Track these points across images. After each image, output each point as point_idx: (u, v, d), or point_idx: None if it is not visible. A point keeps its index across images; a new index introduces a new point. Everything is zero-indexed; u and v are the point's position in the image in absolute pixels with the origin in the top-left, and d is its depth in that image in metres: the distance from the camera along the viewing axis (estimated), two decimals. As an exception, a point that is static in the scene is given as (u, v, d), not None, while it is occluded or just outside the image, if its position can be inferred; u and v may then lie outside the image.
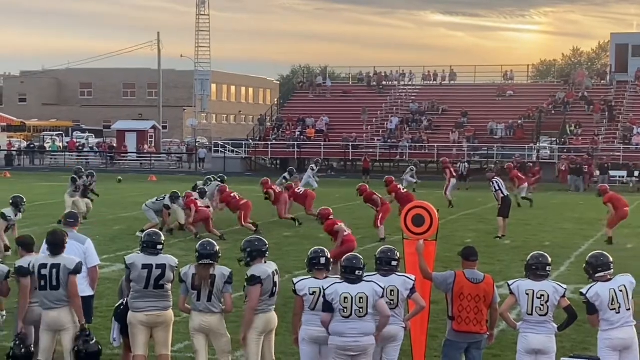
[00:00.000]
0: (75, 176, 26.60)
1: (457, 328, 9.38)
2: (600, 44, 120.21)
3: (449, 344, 9.48)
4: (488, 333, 9.56)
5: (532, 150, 54.95)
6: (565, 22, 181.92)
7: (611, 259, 9.43)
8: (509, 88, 65.06)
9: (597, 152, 52.34)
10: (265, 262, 9.55)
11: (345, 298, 8.78)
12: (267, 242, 9.73)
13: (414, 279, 9.47)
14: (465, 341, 9.40)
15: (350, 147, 59.04)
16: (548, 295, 9.16)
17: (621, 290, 9.22)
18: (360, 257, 9.13)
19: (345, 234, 16.72)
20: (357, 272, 8.91)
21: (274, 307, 9.62)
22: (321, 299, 8.95)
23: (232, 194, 24.65)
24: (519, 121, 59.20)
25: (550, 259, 9.51)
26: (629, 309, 9.23)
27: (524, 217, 29.37)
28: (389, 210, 22.84)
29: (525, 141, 56.88)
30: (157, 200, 23.67)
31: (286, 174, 32.62)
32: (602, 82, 65.58)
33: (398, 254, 9.63)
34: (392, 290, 9.23)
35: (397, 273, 9.45)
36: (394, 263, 9.46)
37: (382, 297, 8.88)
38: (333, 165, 60.49)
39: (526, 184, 35.20)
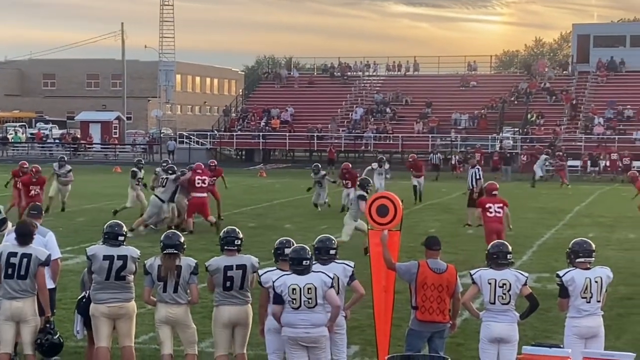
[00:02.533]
0: (135, 169, 25.71)
1: (421, 317, 9.44)
2: (562, 34, 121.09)
3: (413, 333, 9.54)
4: (451, 322, 9.63)
5: (495, 141, 55.35)
6: (527, 12, 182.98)
7: (594, 248, 9.45)
8: (473, 79, 65.47)
9: (559, 142, 52.85)
10: (235, 255, 9.55)
11: (294, 289, 8.75)
12: (237, 236, 9.69)
13: (353, 266, 9.48)
14: (428, 330, 9.47)
15: (315, 138, 59.14)
16: (510, 284, 9.20)
17: (596, 282, 9.27)
18: (307, 247, 9.12)
19: None
20: (304, 263, 8.87)
21: (245, 301, 9.56)
22: None
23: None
24: (482, 111, 59.61)
25: (510, 248, 9.58)
26: (599, 301, 9.29)
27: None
28: None
29: (488, 131, 57.30)
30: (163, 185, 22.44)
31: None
32: (564, 72, 66.25)
33: (336, 242, 9.66)
34: (333, 279, 9.11)
35: (336, 260, 9.46)
36: (332, 252, 9.47)
37: (331, 287, 8.86)
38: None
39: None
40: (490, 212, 17.42)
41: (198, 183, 22.54)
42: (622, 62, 62.64)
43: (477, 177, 24.53)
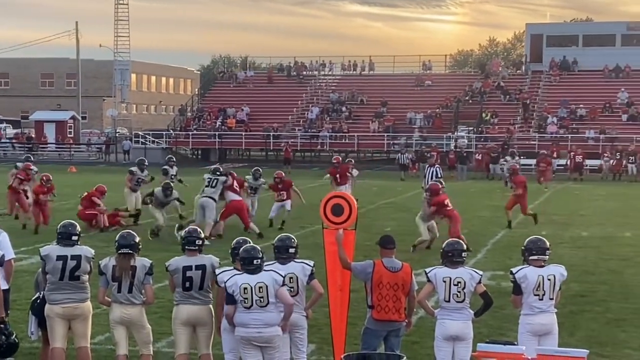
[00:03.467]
0: (166, 167, 25.59)
1: (377, 316, 9.49)
2: (516, 34, 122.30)
3: (369, 332, 9.59)
4: (406, 321, 9.69)
5: (450, 139, 55.73)
6: (481, 12, 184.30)
7: (548, 245, 9.52)
8: (427, 78, 65.83)
9: (513, 141, 53.34)
10: (196, 255, 9.55)
11: (245, 289, 8.76)
12: (199, 236, 9.71)
13: (312, 265, 9.52)
14: (384, 329, 9.53)
15: (271, 137, 59.15)
16: (464, 282, 9.27)
17: (549, 279, 9.32)
18: (258, 247, 9.14)
19: None
20: (255, 262, 8.89)
21: (204, 301, 9.55)
22: None
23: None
24: (437, 110, 59.96)
25: (465, 246, 9.68)
26: (552, 299, 9.36)
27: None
28: None
29: (443, 130, 57.67)
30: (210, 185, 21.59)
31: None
32: (518, 71, 66.89)
33: (295, 241, 9.71)
34: (291, 278, 9.27)
35: (295, 260, 9.51)
36: (292, 250, 9.52)
37: (283, 285, 8.88)
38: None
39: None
40: (449, 207, 18.79)
41: (235, 186, 22.17)
42: (574, 61, 63.37)
43: (438, 175, 24.72)
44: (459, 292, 9.24)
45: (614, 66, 61.70)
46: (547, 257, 9.48)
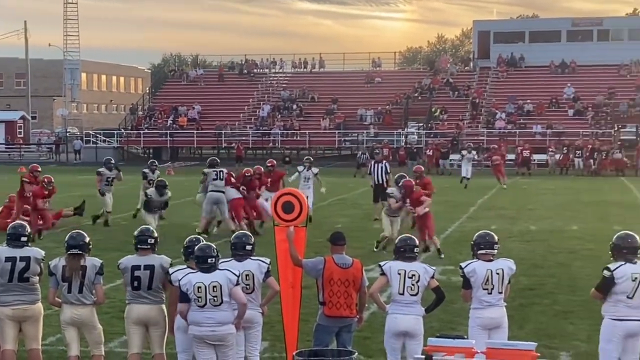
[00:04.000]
0: (145, 170, 24.46)
1: (328, 313, 9.54)
2: (464, 31, 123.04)
3: (320, 329, 9.64)
4: (358, 316, 9.75)
5: (401, 136, 56.04)
6: (429, 9, 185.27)
7: (496, 240, 9.61)
8: (377, 75, 66.10)
9: (461, 137, 53.80)
10: (147, 255, 9.55)
11: (199, 287, 8.78)
12: (152, 235, 9.70)
13: (268, 263, 9.57)
14: (336, 325, 9.58)
15: (223, 135, 59.03)
16: (419, 276, 9.34)
17: (498, 273, 9.39)
18: (213, 245, 9.18)
19: None
20: (209, 261, 8.91)
21: (154, 301, 9.55)
22: None
23: None
24: (387, 107, 60.25)
25: (417, 241, 9.75)
26: (501, 292, 9.43)
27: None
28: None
29: (393, 127, 57.95)
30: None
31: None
32: (466, 68, 67.39)
33: (252, 238, 9.76)
34: (247, 275, 9.31)
35: (251, 257, 9.56)
36: (249, 247, 9.56)
37: (237, 284, 8.91)
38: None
39: None
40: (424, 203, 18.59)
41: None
42: (521, 57, 64.01)
43: (387, 170, 24.83)
44: (413, 285, 9.31)
45: (559, 62, 62.43)
46: (496, 251, 9.57)
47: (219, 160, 22.47)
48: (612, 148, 48.39)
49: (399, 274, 9.34)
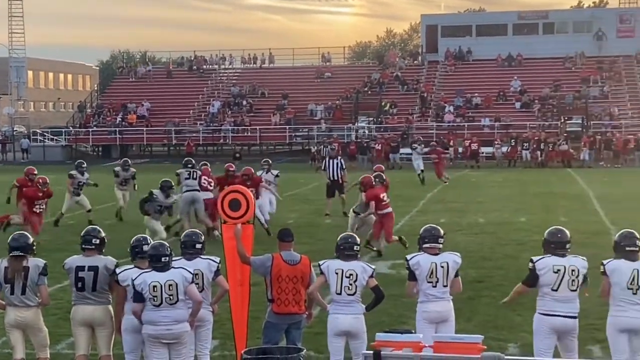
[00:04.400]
0: (117, 169, 24.50)
1: (277, 310, 9.57)
2: (412, 25, 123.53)
3: (269, 326, 9.66)
4: (307, 313, 9.79)
5: (351, 130, 56.22)
6: (377, 4, 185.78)
7: (442, 233, 9.67)
8: (327, 70, 66.22)
9: (411, 130, 54.13)
10: (93, 255, 9.48)
11: (155, 287, 8.76)
12: (97, 235, 9.62)
13: (218, 261, 9.57)
14: (285, 322, 9.61)
15: (173, 132, 58.75)
16: (356, 275, 9.30)
17: (442, 266, 9.43)
18: (166, 243, 9.17)
19: None
20: (163, 259, 8.89)
21: (99, 302, 9.47)
22: None
23: None
24: (338, 102, 60.39)
25: (358, 239, 9.74)
26: (446, 286, 9.47)
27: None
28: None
29: (344, 121, 58.12)
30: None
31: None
32: (415, 62, 67.72)
33: (202, 237, 9.77)
34: (197, 274, 9.27)
35: (201, 256, 9.55)
36: (198, 246, 9.56)
37: (192, 282, 8.93)
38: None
39: None
40: (384, 201, 18.19)
41: (203, 183, 21.28)
42: (469, 51, 64.54)
43: (342, 167, 24.92)
44: (351, 284, 9.28)
45: (506, 55, 63.04)
46: (441, 245, 9.64)
47: (193, 161, 21.93)
48: (558, 140, 49.00)
49: (337, 273, 9.32)
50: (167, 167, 48.76)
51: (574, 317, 9.15)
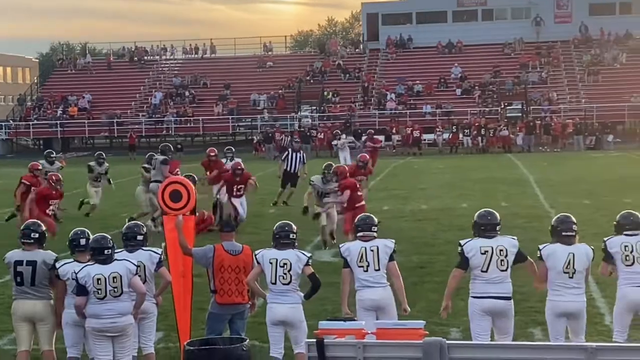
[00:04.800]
0: (91, 164, 23.60)
1: (220, 300, 9.60)
2: (353, 13, 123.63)
3: (213, 317, 9.69)
4: (250, 302, 9.83)
5: (294, 120, 56.28)
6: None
7: (375, 222, 9.75)
8: (269, 59, 66.15)
9: (354, 119, 54.36)
10: (33, 250, 9.41)
11: (99, 279, 8.72)
12: (37, 229, 9.57)
13: (160, 253, 9.55)
14: (228, 313, 9.64)
15: (115, 124, 58.29)
16: (290, 264, 9.25)
17: (372, 250, 9.46)
18: (108, 236, 9.14)
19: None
20: (106, 252, 8.87)
21: (38, 297, 9.40)
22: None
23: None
24: (280, 91, 60.39)
25: (295, 228, 9.67)
26: (378, 270, 9.47)
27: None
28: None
29: (287, 111, 58.15)
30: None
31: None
32: (357, 50, 67.87)
33: (144, 228, 9.78)
34: (139, 266, 9.19)
35: (143, 248, 9.53)
36: (140, 237, 9.55)
37: (136, 274, 8.92)
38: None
39: None
40: (360, 192, 17.84)
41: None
42: (409, 38, 64.87)
43: (304, 161, 24.99)
44: (285, 274, 9.25)
45: (446, 42, 63.48)
46: (374, 233, 9.68)
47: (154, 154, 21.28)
48: (499, 125, 49.56)
49: (271, 262, 9.29)
50: (109, 159, 48.29)
51: (506, 298, 9.19)
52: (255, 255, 9.53)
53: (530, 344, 8.83)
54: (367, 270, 9.47)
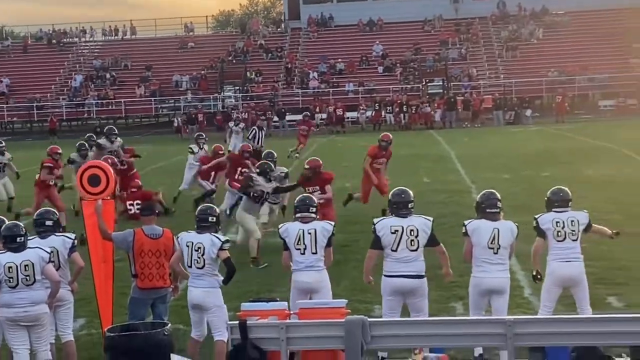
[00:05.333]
0: (74, 155, 20.63)
1: (141, 285, 9.56)
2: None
3: (134, 301, 9.66)
4: (172, 286, 9.79)
5: (218, 100, 56.00)
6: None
7: (315, 202, 9.76)
8: (190, 40, 65.63)
9: (277, 98, 54.34)
10: None
11: (10, 268, 8.61)
12: None
13: (73, 238, 9.46)
14: (149, 297, 9.61)
15: (35, 108, 57.32)
16: (204, 248, 9.18)
17: (310, 233, 9.48)
18: (21, 224, 9.02)
19: None
20: (18, 240, 8.74)
21: None
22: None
23: None
24: (203, 72, 60.01)
25: (217, 210, 9.61)
26: (316, 253, 9.46)
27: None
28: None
29: (210, 91, 57.85)
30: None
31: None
32: (278, 29, 67.68)
33: (56, 214, 9.66)
34: (52, 252, 9.08)
35: (56, 233, 9.42)
36: (49, 223, 9.41)
37: (49, 262, 8.80)
38: None
39: None
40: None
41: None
42: (331, 17, 64.83)
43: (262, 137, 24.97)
44: (199, 258, 9.18)
45: (367, 20, 63.65)
46: (312, 214, 9.68)
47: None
48: (421, 102, 49.99)
49: (187, 246, 9.25)
50: (30, 144, 47.69)
51: (416, 277, 9.22)
52: (176, 238, 9.49)
53: (450, 319, 8.99)
54: (304, 253, 9.48)
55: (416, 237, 9.17)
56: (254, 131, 25.66)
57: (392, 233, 9.18)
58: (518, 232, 9.36)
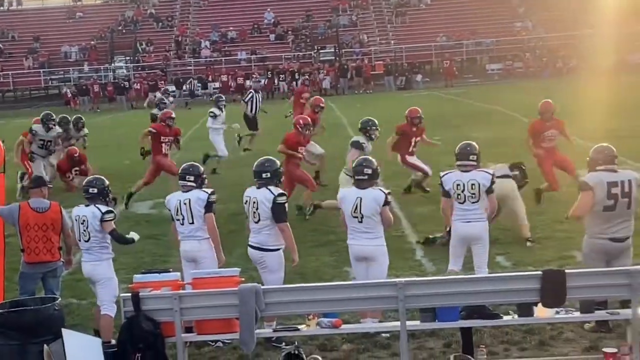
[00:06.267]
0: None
1: (28, 259, 9.46)
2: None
3: (23, 276, 9.56)
4: (63, 259, 9.68)
5: (108, 71, 55.15)
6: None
7: (200, 171, 9.60)
8: (79, 9, 64.38)
9: (170, 68, 53.79)
10: None
11: None
12: None
13: None
14: (38, 271, 9.51)
15: None
16: (87, 220, 9.08)
17: (185, 203, 9.28)
18: None
19: None
20: None
21: None
22: None
23: None
24: (92, 42, 58.96)
25: (103, 182, 9.35)
26: (192, 223, 9.27)
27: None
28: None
29: (100, 62, 56.92)
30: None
31: None
32: (169, -2, 66.85)
33: None
34: None
35: None
36: None
37: None
38: None
39: None
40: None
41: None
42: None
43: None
44: (85, 231, 9.09)
45: (259, -13, 63.42)
46: (193, 182, 9.48)
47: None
48: (316, 69, 50.12)
49: (76, 219, 9.18)
50: None
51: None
52: (69, 212, 9.41)
53: (342, 283, 9.15)
54: (183, 224, 9.37)
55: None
56: (250, 94, 24.77)
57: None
58: (385, 201, 9.00)
